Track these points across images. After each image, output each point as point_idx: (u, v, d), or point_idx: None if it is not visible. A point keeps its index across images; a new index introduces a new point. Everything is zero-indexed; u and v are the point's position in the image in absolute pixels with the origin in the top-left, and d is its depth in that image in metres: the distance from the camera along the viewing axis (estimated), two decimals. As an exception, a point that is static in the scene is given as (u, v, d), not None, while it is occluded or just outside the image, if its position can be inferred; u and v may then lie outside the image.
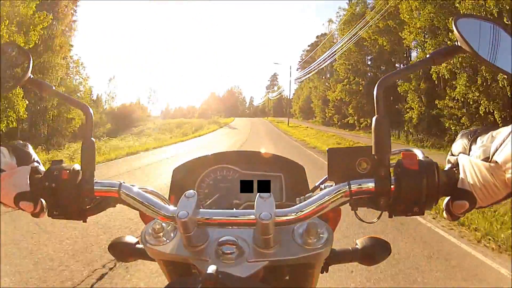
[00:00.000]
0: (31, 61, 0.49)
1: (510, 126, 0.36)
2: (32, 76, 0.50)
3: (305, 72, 37.68)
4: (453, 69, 10.67)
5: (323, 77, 35.46)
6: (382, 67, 20.27)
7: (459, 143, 0.42)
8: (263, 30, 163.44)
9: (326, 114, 30.18)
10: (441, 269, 2.54)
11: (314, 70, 32.66)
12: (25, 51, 0.51)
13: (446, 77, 11.12)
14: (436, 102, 12.21)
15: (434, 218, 3.70)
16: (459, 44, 0.42)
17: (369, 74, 21.27)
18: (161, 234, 0.47)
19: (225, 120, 42.12)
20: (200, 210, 0.45)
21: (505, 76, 0.44)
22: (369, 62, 21.87)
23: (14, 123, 10.09)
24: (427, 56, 0.44)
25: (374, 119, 0.42)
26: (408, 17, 13.06)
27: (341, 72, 23.51)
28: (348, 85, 22.22)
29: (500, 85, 9.30)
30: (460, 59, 9.59)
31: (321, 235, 0.46)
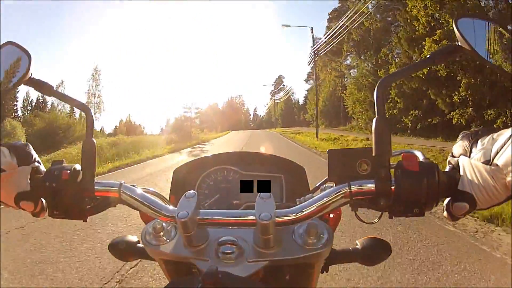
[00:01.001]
0: (31, 61, 0.49)
1: (511, 129, 0.36)
2: (32, 76, 0.50)
3: (333, 32, 20.01)
4: None
5: (369, 51, 20.51)
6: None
7: (460, 145, 0.42)
8: (263, 28, 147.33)
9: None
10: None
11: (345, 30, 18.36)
12: (25, 51, 0.51)
13: None
14: None
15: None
16: (459, 43, 0.43)
17: None
18: (162, 234, 0.47)
19: (207, 136, 30.17)
20: (200, 210, 0.45)
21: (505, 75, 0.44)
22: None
23: None
24: (428, 56, 0.44)
25: (374, 120, 0.42)
26: None
27: (424, 16, 11.86)
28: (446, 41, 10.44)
29: None
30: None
31: (321, 236, 0.46)
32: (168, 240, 0.47)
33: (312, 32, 21.60)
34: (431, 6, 11.82)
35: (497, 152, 0.37)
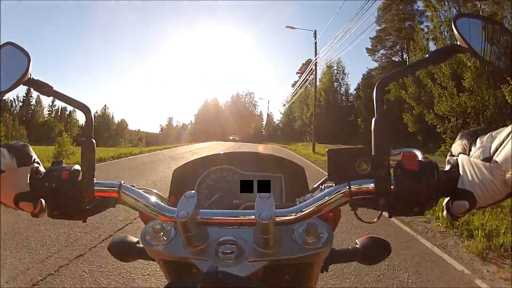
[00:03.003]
0: (31, 61, 0.49)
1: (510, 127, 0.36)
2: (32, 76, 0.50)
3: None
4: None
5: None
6: None
7: (459, 144, 0.42)
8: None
9: None
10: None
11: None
12: (25, 51, 0.51)
13: None
14: None
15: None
16: (458, 43, 0.43)
17: None
18: (161, 234, 0.47)
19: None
20: (200, 210, 0.45)
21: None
22: None
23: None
24: (427, 56, 0.44)
25: (373, 120, 0.42)
26: None
27: None
28: None
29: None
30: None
31: (321, 235, 0.46)
32: (168, 240, 0.47)
33: None
34: None
35: (496, 149, 0.37)
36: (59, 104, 43.14)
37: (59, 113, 44.18)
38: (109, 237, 2.99)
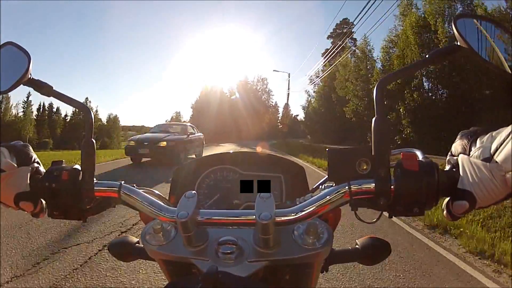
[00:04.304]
0: (31, 61, 0.50)
1: (510, 127, 0.36)
2: (32, 76, 0.50)
3: None
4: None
5: None
6: None
7: (459, 144, 0.42)
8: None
9: None
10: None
11: None
12: (25, 51, 0.51)
13: None
14: None
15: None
16: (458, 43, 0.43)
17: None
18: (161, 234, 0.47)
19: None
20: (200, 210, 0.45)
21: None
22: None
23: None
24: (427, 56, 0.44)
25: (373, 119, 0.42)
26: None
27: None
28: None
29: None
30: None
31: (321, 235, 0.46)
32: (168, 240, 0.47)
33: None
34: None
35: (497, 149, 0.37)
36: (34, 100, 36.08)
37: (41, 111, 36.92)
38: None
